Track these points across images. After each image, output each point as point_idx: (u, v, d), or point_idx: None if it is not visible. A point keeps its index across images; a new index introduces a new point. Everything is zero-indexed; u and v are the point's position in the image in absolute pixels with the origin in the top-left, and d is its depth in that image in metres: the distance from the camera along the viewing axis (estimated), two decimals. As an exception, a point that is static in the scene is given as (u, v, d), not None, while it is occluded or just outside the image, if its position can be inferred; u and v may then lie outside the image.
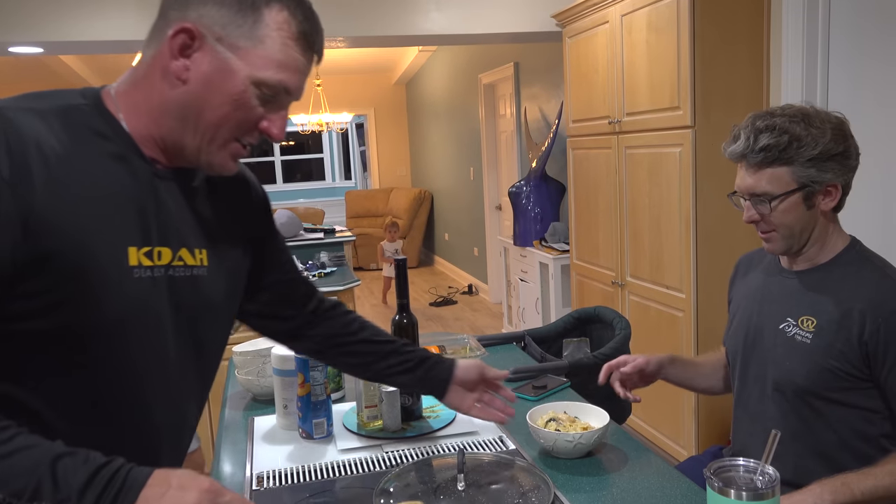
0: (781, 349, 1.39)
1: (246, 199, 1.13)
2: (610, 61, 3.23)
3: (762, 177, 1.33)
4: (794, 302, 1.39)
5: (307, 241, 4.29)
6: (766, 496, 0.89)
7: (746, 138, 1.33)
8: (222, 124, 0.90)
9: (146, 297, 0.91)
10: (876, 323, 1.26)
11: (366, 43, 4.47)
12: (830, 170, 1.31)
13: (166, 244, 0.94)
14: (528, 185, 4.70)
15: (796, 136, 1.29)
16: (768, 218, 1.35)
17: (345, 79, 9.28)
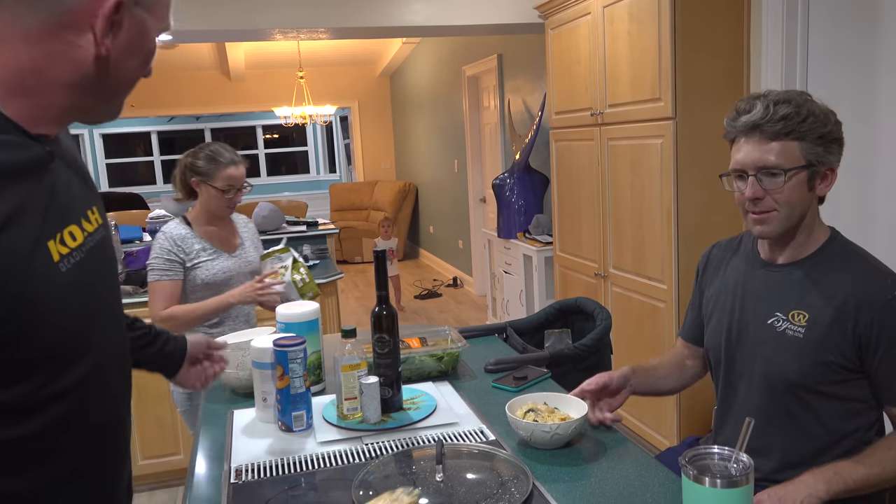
0: (771, 344, 1.38)
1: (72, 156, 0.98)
2: (592, 53, 3.23)
3: (772, 149, 1.30)
4: (781, 296, 1.38)
5: (290, 234, 4.27)
6: (740, 483, 0.90)
7: (765, 107, 1.30)
8: (137, 76, 0.89)
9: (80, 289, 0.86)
10: (870, 315, 1.27)
11: (348, 34, 4.45)
12: (834, 152, 1.32)
13: (75, 216, 0.88)
14: (511, 178, 4.70)
15: (812, 111, 1.29)
16: (774, 194, 1.31)
17: (328, 71, 9.23)
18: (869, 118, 2.28)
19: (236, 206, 2.38)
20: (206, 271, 2.33)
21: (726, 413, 1.52)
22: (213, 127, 11.81)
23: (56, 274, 0.81)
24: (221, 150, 2.36)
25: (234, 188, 2.34)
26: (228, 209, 2.37)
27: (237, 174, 2.35)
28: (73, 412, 0.84)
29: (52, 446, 0.82)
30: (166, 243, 2.30)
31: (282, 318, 1.67)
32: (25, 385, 0.78)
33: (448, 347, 1.79)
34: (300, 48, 7.68)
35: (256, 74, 9.01)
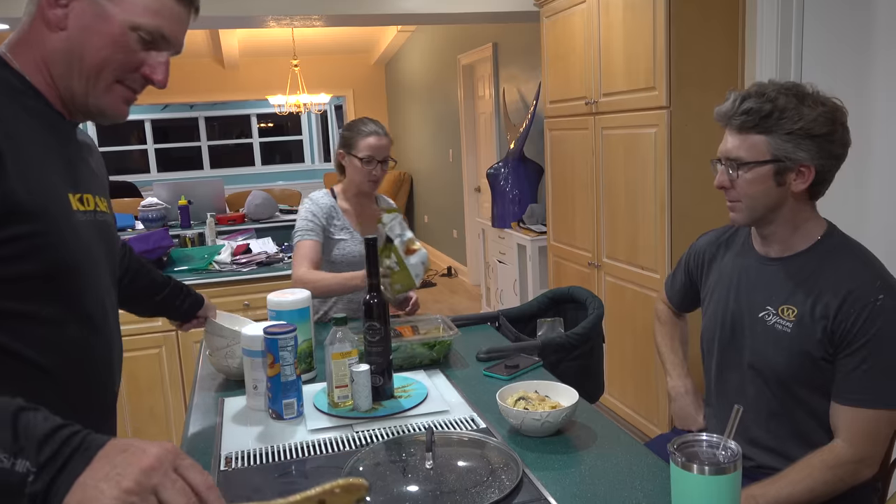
0: (761, 337, 1.39)
1: (97, 159, 1.22)
2: (587, 41, 3.22)
3: (738, 141, 1.33)
4: (773, 290, 1.39)
5: (283, 223, 4.26)
6: (728, 470, 0.90)
7: (734, 101, 1.33)
8: (104, 66, 0.98)
9: (89, 241, 1.03)
10: (852, 314, 1.26)
11: (343, 22, 4.42)
12: (806, 149, 1.29)
13: (88, 191, 1.07)
14: (506, 167, 4.69)
15: (780, 106, 1.28)
16: (737, 185, 1.35)
17: (322, 59, 9.18)
18: (865, 107, 2.27)
19: (379, 181, 2.29)
20: (338, 250, 2.26)
21: (720, 405, 1.52)
22: (207, 115, 11.74)
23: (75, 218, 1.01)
24: (366, 120, 2.33)
25: (376, 160, 2.24)
26: (370, 183, 2.27)
27: (379, 144, 2.26)
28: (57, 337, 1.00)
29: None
30: (312, 207, 2.27)
31: (273, 305, 1.66)
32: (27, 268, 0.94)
33: (440, 336, 1.78)
34: (294, 36, 7.64)
35: (250, 62, 8.95)
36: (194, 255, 3.32)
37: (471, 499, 1.09)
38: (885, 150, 2.22)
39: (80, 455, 0.69)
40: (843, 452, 1.27)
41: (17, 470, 0.67)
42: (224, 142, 12.03)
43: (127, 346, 3.11)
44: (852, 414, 1.27)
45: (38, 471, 0.67)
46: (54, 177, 0.99)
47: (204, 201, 4.44)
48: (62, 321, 1.00)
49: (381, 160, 2.26)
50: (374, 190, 2.32)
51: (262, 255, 3.31)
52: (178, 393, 3.05)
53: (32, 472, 0.67)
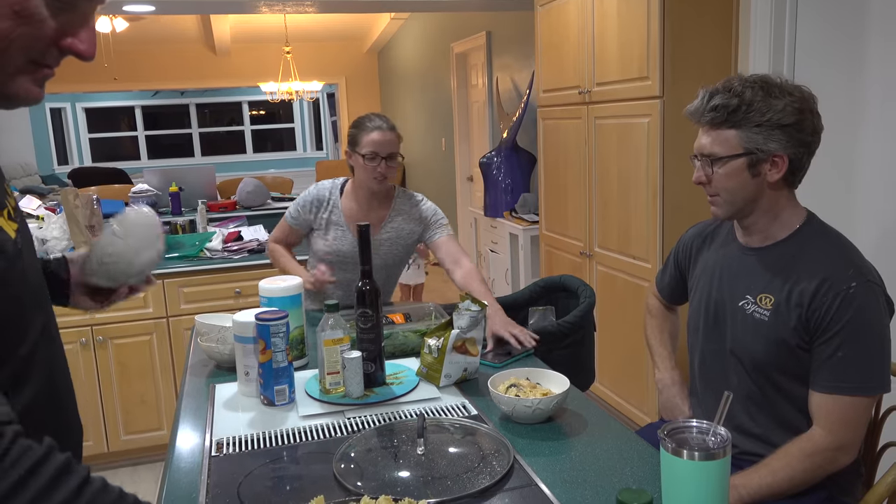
0: (741, 326, 1.40)
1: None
2: (581, 31, 3.21)
3: (711, 137, 1.36)
4: (752, 279, 1.40)
5: (274, 210, 4.24)
6: (717, 456, 0.91)
7: (702, 98, 1.36)
8: (5, 45, 0.70)
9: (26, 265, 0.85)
10: (825, 302, 1.27)
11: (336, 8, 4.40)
12: (777, 139, 1.31)
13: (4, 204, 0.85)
14: (499, 156, 4.68)
15: (747, 100, 1.30)
16: (714, 180, 1.37)
17: (315, 46, 9.12)
18: (858, 97, 2.28)
19: (384, 180, 2.16)
20: (326, 245, 2.22)
21: (704, 393, 1.53)
22: (198, 102, 11.66)
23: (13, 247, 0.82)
24: (372, 116, 2.23)
25: (379, 156, 2.13)
26: (375, 181, 2.15)
27: (382, 139, 2.14)
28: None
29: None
30: (307, 195, 2.27)
31: (264, 292, 1.66)
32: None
33: (432, 323, 1.78)
34: (287, 22, 7.58)
35: (242, 49, 8.89)
36: (185, 242, 3.31)
37: (462, 484, 1.09)
38: (877, 142, 2.23)
39: None
40: (820, 440, 1.28)
41: None
42: (215, 129, 11.96)
43: (117, 333, 3.09)
44: (829, 401, 1.28)
45: None
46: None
47: (195, 188, 4.42)
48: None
49: (385, 156, 2.14)
50: (382, 187, 2.20)
51: (254, 243, 3.30)
52: (169, 380, 3.04)
53: None
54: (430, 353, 1.53)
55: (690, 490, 0.92)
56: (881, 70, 2.19)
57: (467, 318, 1.52)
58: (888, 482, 1.26)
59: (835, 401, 1.27)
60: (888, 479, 1.26)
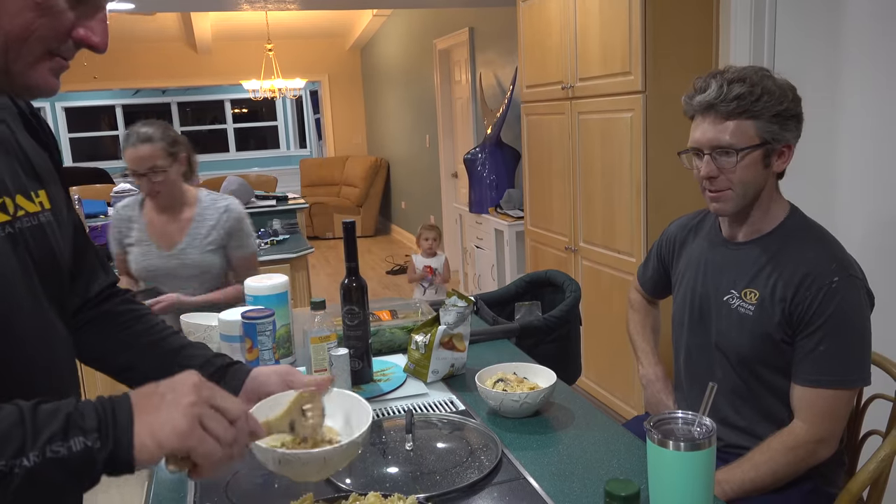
0: (726, 321, 1.41)
1: (34, 125, 0.96)
2: (563, 26, 3.22)
3: (726, 129, 1.31)
4: (737, 274, 1.41)
5: (259, 209, 4.23)
6: (703, 446, 0.92)
7: (719, 86, 1.31)
8: (27, 35, 0.73)
9: (7, 259, 0.82)
10: (808, 296, 1.28)
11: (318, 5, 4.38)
12: (790, 129, 1.32)
13: (10, 192, 0.84)
14: (483, 152, 4.69)
15: (767, 89, 1.29)
16: (728, 173, 1.33)
17: (297, 43, 9.07)
18: (836, 91, 2.31)
19: (158, 192, 2.12)
20: (134, 263, 2.22)
21: (690, 387, 1.55)
22: (179, 101, 11.57)
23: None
24: (132, 130, 2.11)
25: (138, 173, 2.07)
26: (149, 193, 2.14)
27: (135, 156, 2.06)
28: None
29: None
30: (113, 220, 2.24)
31: (251, 290, 1.65)
32: None
33: (418, 320, 1.79)
34: (268, 19, 7.54)
35: (224, 47, 8.82)
36: (169, 242, 3.28)
37: (451, 479, 1.10)
38: (856, 136, 2.25)
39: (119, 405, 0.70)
40: (801, 433, 1.29)
41: (75, 450, 0.67)
42: (197, 127, 11.87)
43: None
44: (810, 394, 1.29)
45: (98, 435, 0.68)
46: None
47: (178, 187, 4.38)
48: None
49: (143, 173, 2.06)
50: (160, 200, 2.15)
51: (238, 242, 3.28)
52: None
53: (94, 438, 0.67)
54: (418, 350, 1.53)
55: (676, 480, 0.93)
56: (859, 63, 2.22)
57: (454, 314, 1.52)
58: (870, 470, 1.28)
59: (816, 394, 1.29)
60: (870, 466, 1.28)
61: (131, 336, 1.08)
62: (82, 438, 0.67)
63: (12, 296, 0.82)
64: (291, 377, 1.04)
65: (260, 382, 1.04)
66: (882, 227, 2.16)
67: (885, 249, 2.15)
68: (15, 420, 0.67)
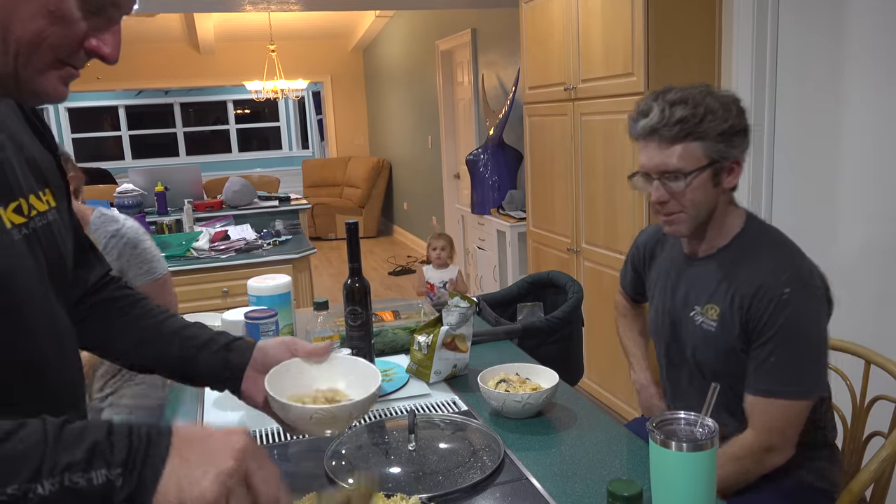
0: (693, 336, 1.41)
1: (34, 121, 0.97)
2: (566, 27, 3.22)
3: (673, 153, 1.29)
4: (698, 290, 1.40)
5: (261, 209, 4.23)
6: (705, 447, 0.92)
7: (661, 111, 1.28)
8: (38, 42, 0.72)
9: (27, 260, 0.82)
10: (760, 308, 1.27)
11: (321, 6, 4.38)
12: (737, 145, 1.30)
13: (23, 192, 0.84)
14: (485, 153, 4.69)
15: (710, 108, 1.27)
16: (679, 197, 1.32)
17: (300, 44, 9.08)
18: (839, 89, 2.30)
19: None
20: None
21: (672, 397, 1.56)
22: (182, 101, 11.58)
23: (9, 239, 0.80)
24: None
25: None
26: None
27: None
28: None
29: None
30: None
31: (253, 291, 1.66)
32: None
33: (421, 320, 1.79)
34: (271, 20, 7.55)
35: (226, 47, 8.83)
36: (172, 242, 3.29)
37: (453, 479, 1.10)
38: (859, 138, 2.25)
39: (156, 444, 0.66)
40: (748, 442, 1.29)
41: (96, 483, 0.63)
42: (200, 128, 11.88)
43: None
44: (761, 404, 1.28)
45: (123, 470, 0.64)
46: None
47: (181, 188, 4.39)
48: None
49: None
50: None
51: (241, 242, 3.29)
52: (157, 381, 3.03)
53: (118, 474, 0.63)
54: (420, 350, 1.53)
55: (679, 481, 0.93)
56: (861, 59, 2.22)
57: (457, 315, 1.52)
58: (871, 469, 1.28)
59: (767, 404, 1.28)
60: (871, 466, 1.28)
61: (130, 320, 1.08)
62: (105, 471, 0.63)
63: (30, 295, 0.83)
64: (295, 345, 1.06)
65: (266, 353, 1.05)
66: (884, 223, 2.16)
67: (887, 244, 2.15)
68: (37, 440, 0.63)
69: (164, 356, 1.06)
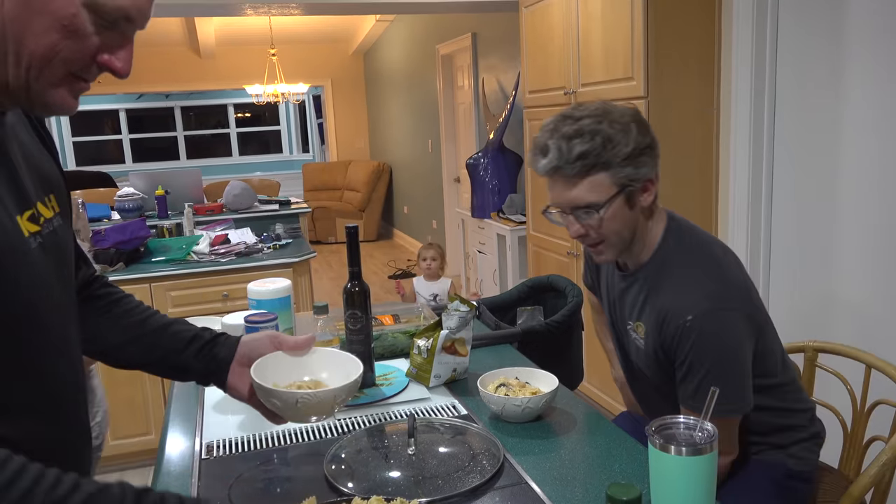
0: (633, 350, 1.43)
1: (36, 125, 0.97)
2: (566, 31, 3.23)
3: (582, 187, 1.25)
4: (628, 307, 1.41)
5: (262, 213, 4.24)
6: (705, 451, 0.92)
7: (558, 149, 1.24)
8: (51, 56, 0.73)
9: (42, 268, 0.83)
10: (668, 330, 1.27)
11: (321, 10, 4.39)
12: (645, 164, 1.27)
13: (35, 198, 0.85)
14: (485, 157, 4.70)
15: (608, 136, 1.23)
16: (597, 229, 1.29)
17: (300, 48, 9.10)
18: (839, 91, 2.31)
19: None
20: None
21: (638, 398, 1.58)
22: (183, 105, 11.60)
23: (28, 247, 0.81)
24: None
25: None
26: None
27: None
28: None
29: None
30: None
31: (253, 294, 1.66)
32: None
33: (421, 324, 1.79)
34: (272, 24, 7.56)
35: (227, 51, 8.85)
36: (172, 246, 3.29)
37: (453, 484, 1.10)
38: (859, 139, 2.26)
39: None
40: None
41: None
42: (200, 132, 11.89)
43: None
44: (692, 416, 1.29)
45: None
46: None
47: (181, 191, 4.40)
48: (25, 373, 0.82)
49: None
50: None
51: (241, 246, 3.29)
52: (157, 383, 3.03)
53: None
54: (420, 354, 1.53)
55: (678, 484, 0.93)
56: (861, 58, 2.22)
57: (456, 319, 1.52)
58: (871, 474, 1.28)
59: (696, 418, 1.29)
60: (871, 471, 1.28)
61: (115, 317, 1.10)
62: None
63: (48, 303, 0.84)
64: (279, 339, 1.11)
65: (251, 347, 1.09)
66: (885, 222, 2.16)
67: (887, 244, 2.15)
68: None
69: (149, 353, 1.09)
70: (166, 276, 3.01)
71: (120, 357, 1.11)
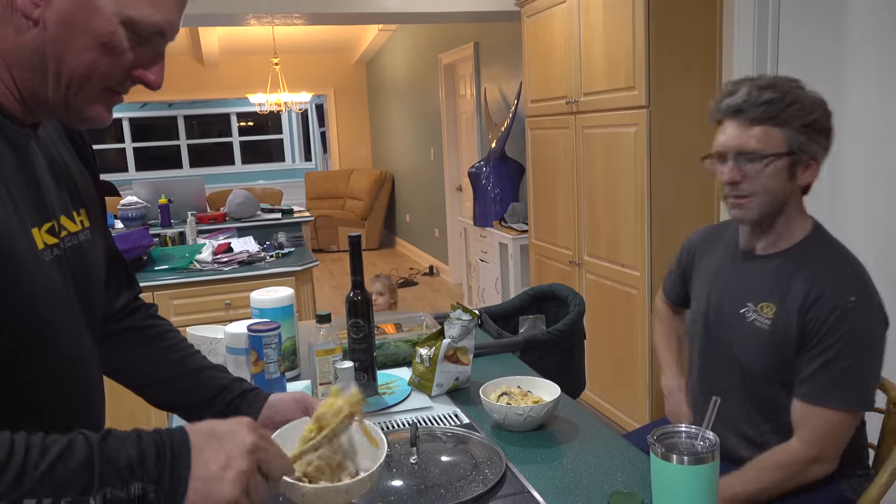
0: (742, 332, 1.39)
1: (78, 142, 0.99)
2: (567, 41, 3.24)
3: (753, 134, 1.29)
4: (754, 287, 1.39)
5: (264, 222, 4.25)
6: (706, 460, 0.92)
7: (748, 92, 1.30)
8: (90, 73, 0.77)
9: (56, 281, 0.83)
10: (820, 314, 1.27)
11: (324, 20, 4.42)
12: (818, 142, 1.30)
13: (58, 212, 0.86)
14: (487, 166, 4.71)
15: (798, 98, 1.28)
16: (753, 180, 1.31)
17: (303, 58, 9.14)
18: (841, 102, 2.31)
19: None
20: None
21: (704, 391, 1.54)
22: (185, 114, 11.64)
23: (41, 261, 0.81)
24: None
25: None
26: None
27: None
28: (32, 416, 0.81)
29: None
30: None
31: (256, 303, 1.66)
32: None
33: (423, 333, 1.79)
34: (275, 34, 7.60)
35: (230, 60, 8.89)
36: (175, 254, 3.30)
37: (455, 492, 1.10)
38: (860, 144, 2.26)
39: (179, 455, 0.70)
40: (795, 451, 1.28)
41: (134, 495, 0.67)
42: (203, 140, 11.93)
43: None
44: (811, 412, 1.28)
45: (156, 485, 0.67)
46: (13, 215, 0.77)
47: (184, 200, 4.41)
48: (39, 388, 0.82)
49: None
50: None
51: (244, 255, 3.30)
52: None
53: (150, 490, 0.67)
54: (422, 363, 1.53)
55: (680, 494, 0.93)
56: (864, 72, 2.23)
57: (458, 328, 1.52)
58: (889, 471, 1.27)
59: (818, 413, 1.27)
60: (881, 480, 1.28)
61: (155, 352, 1.09)
62: (141, 484, 0.67)
63: (60, 317, 0.84)
64: (306, 402, 1.08)
65: (276, 410, 1.07)
66: (886, 225, 2.16)
67: (888, 247, 2.15)
68: (84, 458, 0.66)
69: (184, 396, 1.08)
70: (169, 285, 3.02)
71: (151, 395, 1.10)
